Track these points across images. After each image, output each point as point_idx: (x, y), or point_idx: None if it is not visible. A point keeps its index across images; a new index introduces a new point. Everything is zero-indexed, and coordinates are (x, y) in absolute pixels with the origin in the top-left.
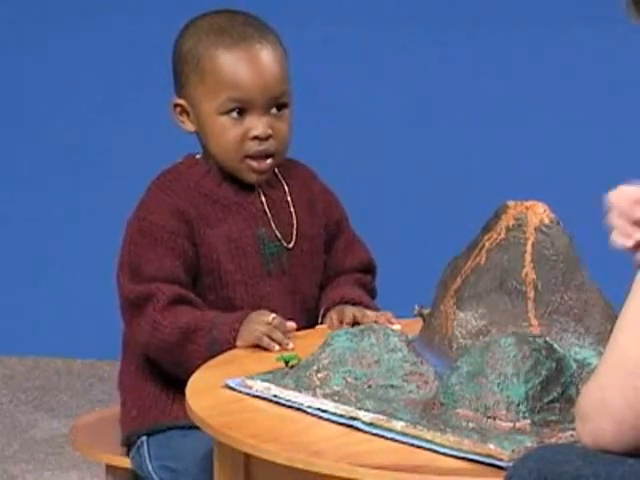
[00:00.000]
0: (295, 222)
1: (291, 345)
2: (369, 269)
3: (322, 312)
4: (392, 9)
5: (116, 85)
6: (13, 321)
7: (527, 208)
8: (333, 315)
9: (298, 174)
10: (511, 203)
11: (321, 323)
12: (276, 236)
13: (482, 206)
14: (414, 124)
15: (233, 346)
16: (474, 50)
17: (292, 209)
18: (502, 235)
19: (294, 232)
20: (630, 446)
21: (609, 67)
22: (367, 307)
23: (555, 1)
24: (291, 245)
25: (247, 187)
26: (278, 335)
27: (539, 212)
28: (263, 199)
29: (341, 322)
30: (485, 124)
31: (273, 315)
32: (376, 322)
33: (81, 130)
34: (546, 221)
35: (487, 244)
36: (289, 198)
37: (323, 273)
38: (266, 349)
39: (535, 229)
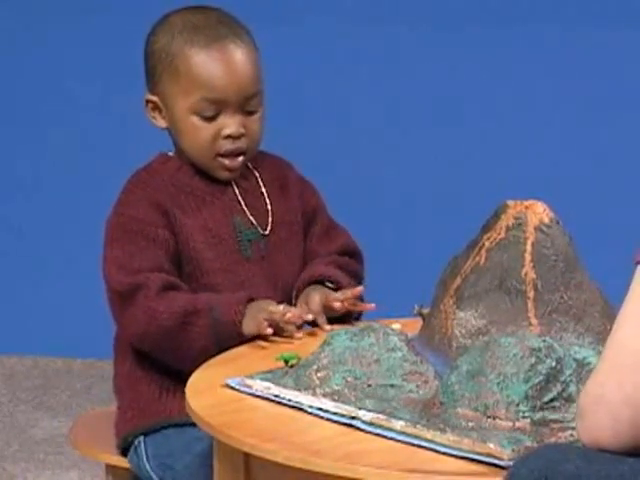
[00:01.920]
0: (270, 209)
1: (300, 335)
2: (350, 253)
3: (294, 293)
4: (387, 7)
5: (101, 84)
6: (13, 320)
7: (527, 207)
8: (301, 300)
9: (270, 164)
10: (511, 202)
11: (294, 305)
12: (252, 223)
13: (482, 205)
14: (414, 123)
15: (238, 329)
16: (473, 49)
17: (266, 197)
18: (502, 234)
19: (269, 219)
20: (628, 444)
21: (609, 67)
22: (337, 282)
23: (556, 0)
24: (267, 232)
25: (220, 179)
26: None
27: (539, 211)
28: (236, 190)
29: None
30: (485, 123)
31: (276, 308)
32: (342, 302)
33: (78, 130)
34: (546, 220)
35: (487, 243)
36: (262, 187)
37: (303, 260)
38: (269, 341)
39: (535, 228)
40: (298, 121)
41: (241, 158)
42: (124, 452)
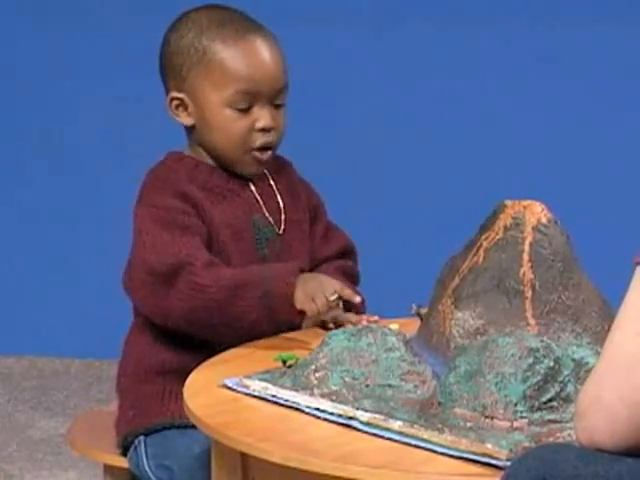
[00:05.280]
0: (282, 208)
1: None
2: (348, 252)
3: None
4: (381, 8)
5: (106, 83)
6: (11, 320)
7: (525, 207)
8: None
9: (278, 164)
10: (509, 202)
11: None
12: (269, 222)
13: (480, 205)
14: (412, 123)
15: (290, 301)
16: (472, 49)
17: (278, 196)
18: (500, 234)
19: (282, 218)
20: (625, 444)
21: (608, 66)
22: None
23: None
24: (281, 231)
25: (237, 176)
26: (329, 316)
27: (537, 211)
28: (253, 188)
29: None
30: (483, 123)
31: (335, 296)
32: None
33: (83, 133)
34: (544, 220)
35: (485, 243)
36: (274, 186)
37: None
38: (267, 341)
39: (533, 228)
40: (295, 121)
41: (270, 152)
42: (124, 451)
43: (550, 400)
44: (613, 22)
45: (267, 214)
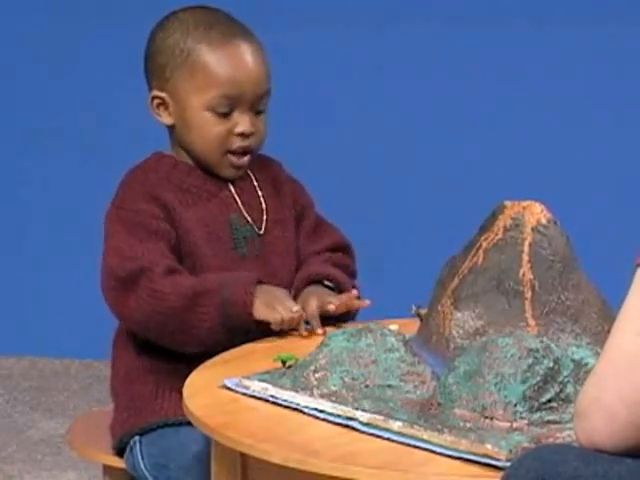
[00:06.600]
0: (264, 208)
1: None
2: (341, 249)
3: (293, 293)
4: (383, 8)
5: (99, 82)
6: (10, 321)
7: (524, 208)
8: (299, 302)
9: (263, 164)
10: (508, 203)
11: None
12: (247, 221)
13: (479, 206)
14: (411, 123)
15: (249, 309)
16: (472, 49)
17: (260, 196)
18: (499, 235)
19: (264, 218)
20: (625, 444)
21: (608, 66)
22: (336, 281)
23: (555, 0)
24: (262, 231)
25: (216, 177)
26: (292, 325)
27: (536, 212)
28: (232, 188)
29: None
30: (483, 123)
31: (298, 307)
32: (337, 306)
33: (82, 132)
34: (543, 221)
35: (484, 244)
36: (257, 186)
37: (296, 256)
38: (266, 342)
39: (532, 229)
40: (295, 121)
41: (248, 157)
42: (120, 453)
43: (550, 401)
44: (613, 22)
45: (245, 213)
